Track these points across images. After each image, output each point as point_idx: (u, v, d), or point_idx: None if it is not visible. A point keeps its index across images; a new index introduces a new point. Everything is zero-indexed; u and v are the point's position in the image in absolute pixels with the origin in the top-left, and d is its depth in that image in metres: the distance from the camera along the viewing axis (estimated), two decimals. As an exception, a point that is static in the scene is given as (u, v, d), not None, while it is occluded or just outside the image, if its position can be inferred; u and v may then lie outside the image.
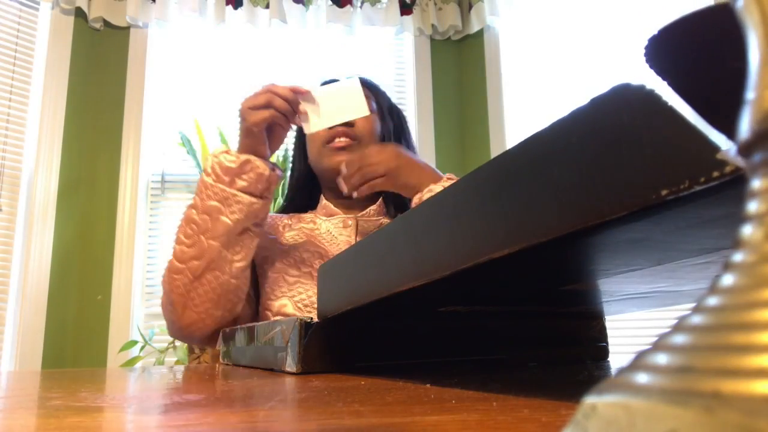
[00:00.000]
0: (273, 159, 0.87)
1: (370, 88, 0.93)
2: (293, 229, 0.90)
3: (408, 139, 0.99)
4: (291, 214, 0.94)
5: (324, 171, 0.91)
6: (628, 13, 1.93)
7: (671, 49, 0.18)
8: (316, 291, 0.45)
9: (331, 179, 0.89)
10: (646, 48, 0.18)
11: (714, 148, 0.15)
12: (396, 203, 0.96)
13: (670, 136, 0.16)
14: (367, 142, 0.89)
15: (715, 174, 0.15)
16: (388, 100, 0.98)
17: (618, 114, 0.17)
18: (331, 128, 0.84)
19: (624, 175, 0.17)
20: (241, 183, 0.75)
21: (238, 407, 0.24)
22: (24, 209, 1.88)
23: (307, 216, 0.93)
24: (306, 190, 0.98)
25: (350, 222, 0.89)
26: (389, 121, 0.95)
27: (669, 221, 0.18)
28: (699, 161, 0.15)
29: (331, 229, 0.89)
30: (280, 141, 0.81)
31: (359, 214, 0.91)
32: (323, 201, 0.93)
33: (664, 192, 0.16)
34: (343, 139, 0.87)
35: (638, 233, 0.19)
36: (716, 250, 0.22)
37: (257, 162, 0.76)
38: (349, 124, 0.86)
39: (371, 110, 0.89)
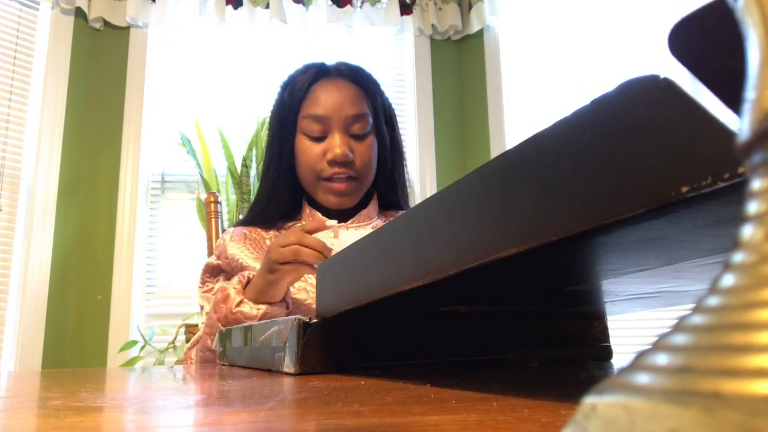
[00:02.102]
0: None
1: (366, 91, 0.90)
2: None
3: (399, 147, 0.96)
4: (277, 225, 0.91)
5: (317, 199, 0.89)
6: (628, 13, 1.93)
7: (695, 37, 0.17)
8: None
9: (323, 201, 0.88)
10: (670, 37, 0.18)
11: None
12: (387, 202, 0.95)
13: (692, 129, 0.15)
14: (366, 177, 0.88)
15: (741, 170, 0.14)
16: (384, 102, 0.94)
17: (635, 106, 0.16)
18: (329, 163, 0.83)
19: (641, 170, 0.16)
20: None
21: (238, 407, 0.24)
22: (24, 209, 1.88)
23: (296, 227, 0.90)
24: (282, 200, 0.91)
25: (339, 231, 0.86)
26: (385, 133, 0.92)
27: (687, 220, 0.17)
28: (722, 156, 0.14)
29: (321, 237, 0.86)
30: (297, 279, 0.77)
31: (349, 222, 0.89)
32: (308, 210, 0.91)
33: (684, 189, 0.15)
34: (344, 178, 0.85)
35: (653, 232, 0.18)
36: (730, 249, 0.22)
37: (274, 311, 0.74)
38: (347, 164, 0.84)
39: None
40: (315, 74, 0.90)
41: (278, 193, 0.91)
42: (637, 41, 1.86)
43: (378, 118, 0.91)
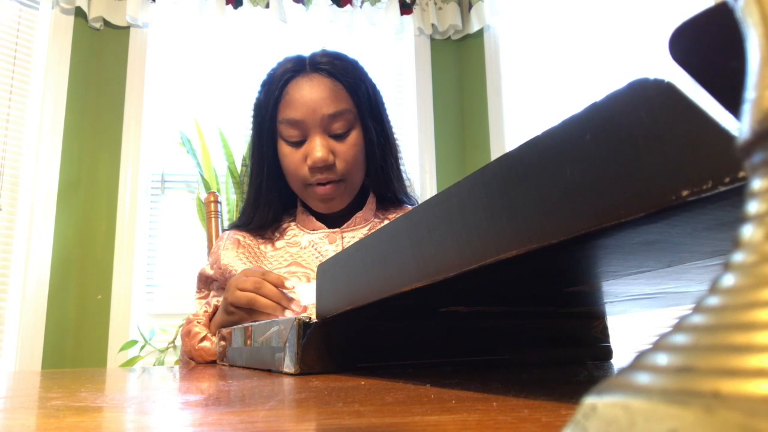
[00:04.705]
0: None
1: (345, 84, 0.83)
2: (277, 249, 0.87)
3: (389, 137, 0.90)
4: (272, 227, 0.89)
5: (308, 205, 0.88)
6: (629, 13, 1.93)
7: (696, 42, 0.17)
8: None
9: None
10: (670, 42, 0.18)
11: None
12: (384, 198, 0.92)
13: (692, 132, 0.15)
14: (352, 177, 0.85)
15: (741, 174, 0.13)
16: (368, 92, 0.87)
17: (635, 109, 0.16)
18: (310, 170, 0.81)
19: (641, 174, 0.16)
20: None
21: (238, 407, 0.24)
22: (24, 209, 1.88)
23: (290, 229, 0.89)
24: (269, 206, 0.88)
25: (335, 237, 0.86)
26: (371, 125, 0.86)
27: (687, 223, 0.17)
28: (723, 159, 0.14)
29: (315, 241, 0.86)
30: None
31: (344, 227, 0.87)
32: (302, 213, 0.88)
33: (684, 192, 0.15)
34: (327, 185, 0.82)
35: (654, 235, 0.18)
36: (731, 251, 0.22)
37: None
38: (330, 167, 0.81)
39: None
40: (290, 72, 0.84)
41: (263, 200, 0.88)
42: (638, 42, 1.87)
43: (362, 111, 0.85)
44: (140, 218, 1.99)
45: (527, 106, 2.12)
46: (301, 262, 0.84)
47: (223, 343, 0.66)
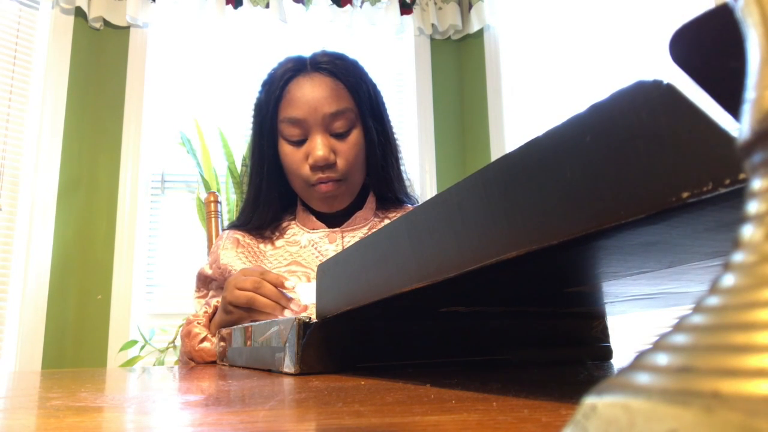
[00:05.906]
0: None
1: (346, 84, 0.84)
2: (276, 248, 0.87)
3: (390, 137, 0.90)
4: (272, 226, 0.89)
5: (310, 205, 0.88)
6: (629, 14, 1.93)
7: (696, 43, 0.17)
8: None
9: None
10: (671, 44, 0.18)
11: None
12: (384, 198, 0.92)
13: (693, 134, 0.15)
14: (353, 176, 0.85)
15: (741, 175, 0.14)
16: (369, 92, 0.87)
17: (636, 111, 0.16)
18: (311, 168, 0.81)
19: (642, 175, 0.16)
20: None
21: (238, 407, 0.24)
22: (24, 209, 1.88)
23: (289, 228, 0.89)
24: (269, 206, 0.88)
25: (335, 236, 0.86)
26: (372, 124, 0.86)
27: (687, 224, 0.17)
28: (723, 161, 0.14)
29: (315, 240, 0.86)
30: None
31: (344, 226, 0.87)
32: (303, 213, 0.88)
33: (685, 194, 0.15)
34: (330, 184, 0.82)
35: (654, 236, 0.18)
36: (731, 251, 0.22)
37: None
38: (330, 166, 0.81)
39: None
40: (291, 71, 0.84)
41: (263, 199, 0.88)
42: (638, 43, 1.87)
43: (362, 110, 0.85)
44: (140, 218, 1.99)
45: (527, 106, 2.12)
46: (300, 262, 0.84)
47: (222, 343, 0.66)
